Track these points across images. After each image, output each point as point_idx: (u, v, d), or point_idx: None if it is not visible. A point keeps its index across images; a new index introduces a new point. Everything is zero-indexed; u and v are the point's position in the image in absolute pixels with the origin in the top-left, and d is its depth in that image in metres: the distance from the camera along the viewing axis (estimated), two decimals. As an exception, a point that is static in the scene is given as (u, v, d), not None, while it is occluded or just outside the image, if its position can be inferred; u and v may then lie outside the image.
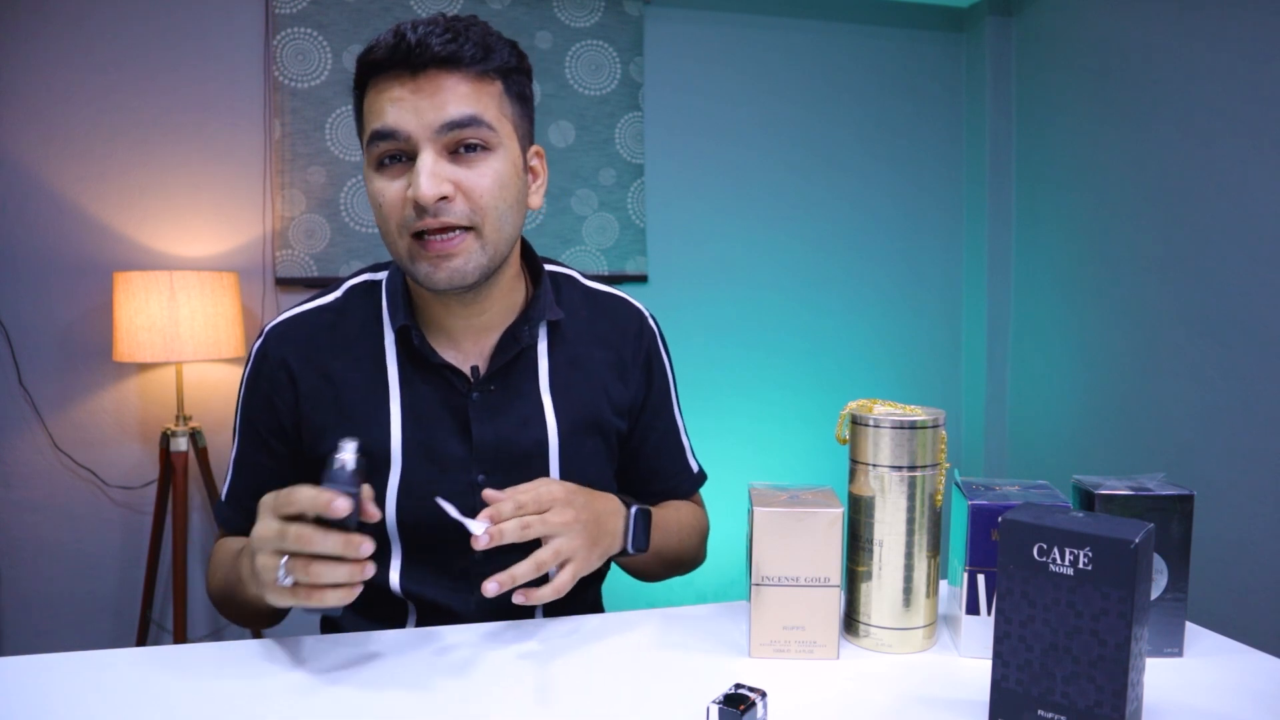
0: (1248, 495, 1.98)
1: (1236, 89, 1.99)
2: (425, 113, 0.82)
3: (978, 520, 0.76)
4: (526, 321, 0.95)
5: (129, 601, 2.21)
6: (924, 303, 2.82)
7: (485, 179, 0.85)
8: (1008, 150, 2.74)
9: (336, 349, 0.95)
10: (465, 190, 0.84)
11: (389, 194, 0.85)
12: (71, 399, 2.17)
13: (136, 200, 2.18)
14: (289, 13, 2.23)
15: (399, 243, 0.86)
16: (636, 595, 2.52)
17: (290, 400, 0.94)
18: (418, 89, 0.82)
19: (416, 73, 0.82)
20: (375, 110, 0.84)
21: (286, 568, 0.71)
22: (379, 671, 0.75)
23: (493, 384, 0.94)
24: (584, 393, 0.98)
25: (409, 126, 0.82)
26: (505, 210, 0.87)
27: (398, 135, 0.83)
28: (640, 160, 2.51)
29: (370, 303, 0.97)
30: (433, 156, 0.82)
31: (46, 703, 0.69)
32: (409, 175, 0.83)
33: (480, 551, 0.95)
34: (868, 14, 2.70)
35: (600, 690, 0.72)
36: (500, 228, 0.87)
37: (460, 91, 0.83)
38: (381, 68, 0.83)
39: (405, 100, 0.82)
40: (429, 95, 0.82)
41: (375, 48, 0.83)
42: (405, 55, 0.82)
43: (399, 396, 0.93)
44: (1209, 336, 2.08)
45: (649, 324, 1.07)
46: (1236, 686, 0.72)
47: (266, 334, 0.97)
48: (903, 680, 0.73)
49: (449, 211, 0.83)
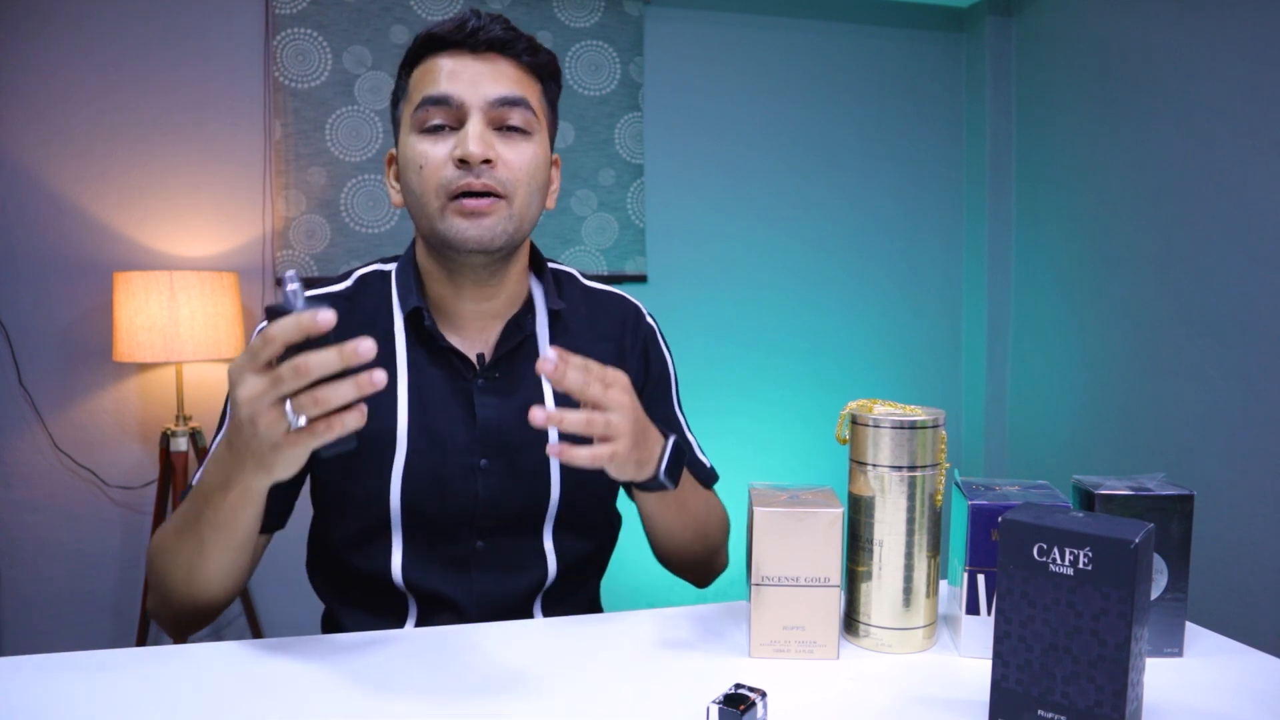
0: (1248, 495, 1.98)
1: (1236, 89, 1.99)
2: (482, 84, 0.89)
3: (978, 520, 0.76)
4: (530, 311, 0.98)
5: (129, 601, 2.21)
6: (924, 303, 2.82)
7: (524, 156, 0.91)
8: (1008, 150, 2.74)
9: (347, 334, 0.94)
10: (504, 161, 0.90)
11: (433, 155, 0.89)
12: (71, 399, 2.17)
13: (136, 200, 2.18)
14: (289, 13, 2.23)
15: (433, 203, 0.90)
16: (637, 595, 2.52)
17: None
18: (478, 64, 0.90)
19: (477, 51, 0.90)
20: (429, 79, 0.90)
21: (295, 408, 0.66)
22: (379, 671, 0.75)
23: (497, 371, 0.97)
24: None
25: (463, 94, 0.89)
26: (534, 191, 0.93)
27: (451, 102, 0.89)
28: (640, 160, 2.51)
29: (380, 291, 0.99)
30: (481, 124, 0.89)
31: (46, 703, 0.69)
32: (453, 140, 0.89)
33: (482, 542, 0.95)
34: (868, 14, 2.70)
35: (600, 690, 0.72)
36: (528, 205, 0.92)
37: (513, 76, 0.91)
38: (443, 44, 0.90)
39: (462, 72, 0.89)
40: (486, 70, 0.90)
41: (440, 25, 0.91)
42: (471, 34, 0.89)
43: (407, 380, 0.95)
44: (1209, 336, 2.08)
45: (646, 319, 1.10)
46: (1236, 686, 0.72)
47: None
48: (903, 680, 0.73)
49: (489, 174, 0.88)
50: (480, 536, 0.96)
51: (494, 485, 0.95)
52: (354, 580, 0.97)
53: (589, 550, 1.03)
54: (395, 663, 0.77)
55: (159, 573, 0.88)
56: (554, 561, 0.98)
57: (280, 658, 0.78)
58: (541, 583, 0.98)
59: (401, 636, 0.83)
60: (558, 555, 0.99)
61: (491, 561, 0.96)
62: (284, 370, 0.66)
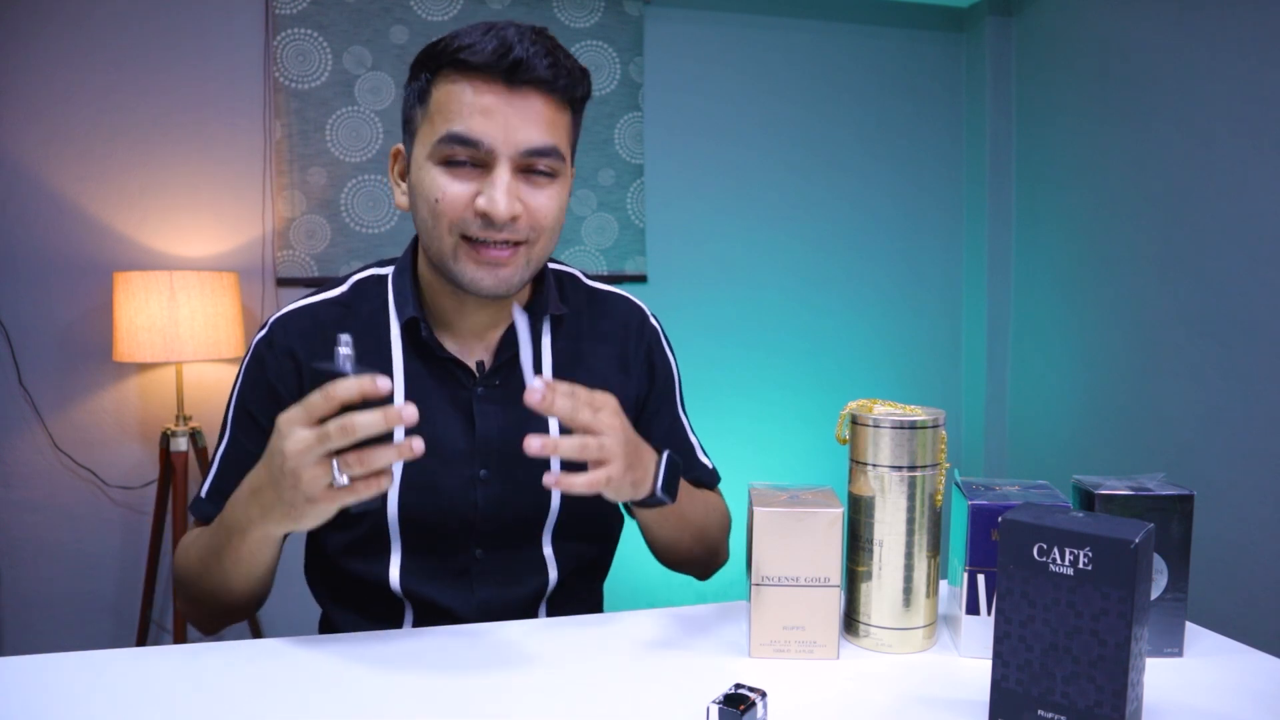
0: (1248, 495, 1.98)
1: (1236, 89, 1.99)
2: (515, 131, 0.83)
3: (978, 520, 0.76)
4: (530, 317, 0.95)
5: (129, 601, 2.21)
6: (924, 303, 2.82)
7: (550, 203, 0.87)
8: (1008, 150, 2.74)
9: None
10: (530, 211, 0.86)
11: (451, 193, 0.84)
12: (71, 399, 2.17)
13: (136, 200, 2.18)
14: (289, 13, 2.23)
15: (447, 240, 0.86)
16: (637, 595, 2.52)
17: (294, 389, 0.93)
18: (510, 104, 0.83)
19: (513, 87, 0.83)
20: (456, 112, 0.83)
21: (340, 466, 0.70)
22: (379, 671, 0.75)
23: (497, 379, 0.95)
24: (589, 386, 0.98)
25: (494, 141, 0.83)
26: (555, 231, 0.90)
27: (480, 145, 0.83)
28: (640, 160, 2.51)
29: (376, 297, 0.97)
30: (510, 175, 0.84)
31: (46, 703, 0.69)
32: (477, 182, 0.84)
33: (481, 551, 0.95)
34: (868, 14, 2.70)
35: (600, 690, 0.72)
36: (548, 247, 0.90)
37: (546, 117, 0.85)
38: (477, 70, 0.82)
39: (496, 112, 0.82)
40: (520, 114, 0.83)
41: (475, 47, 0.82)
42: (511, 67, 0.81)
43: (404, 389, 0.93)
44: (1209, 336, 2.08)
45: (650, 321, 1.08)
46: (1236, 686, 0.72)
47: (272, 324, 0.96)
48: (903, 680, 0.73)
49: (512, 229, 0.85)
50: (480, 545, 0.95)
51: (493, 495, 0.94)
52: (351, 587, 0.97)
53: (590, 555, 1.02)
54: (395, 663, 0.77)
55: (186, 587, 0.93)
56: (555, 569, 0.98)
57: (279, 658, 0.78)
58: (543, 590, 0.98)
59: (401, 636, 0.83)
60: (559, 562, 0.98)
61: (492, 570, 0.96)
62: (332, 428, 0.69)
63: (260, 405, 0.94)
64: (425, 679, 0.73)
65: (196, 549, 0.90)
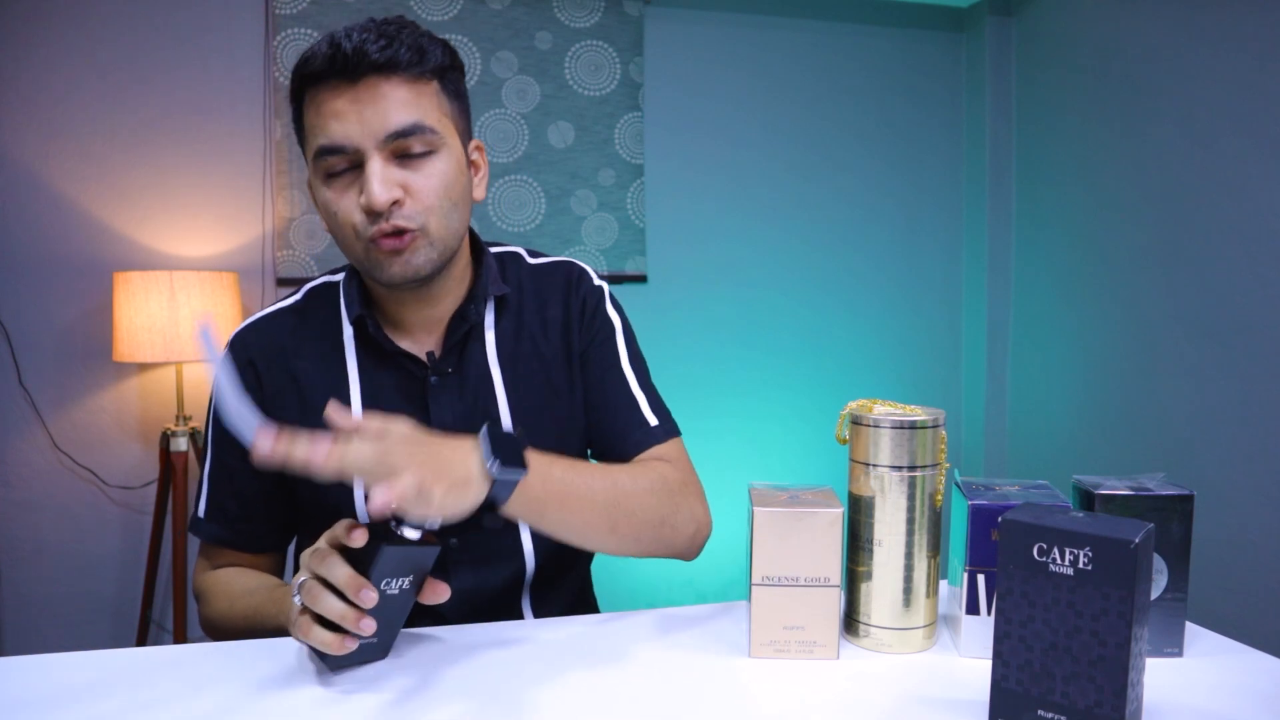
0: (1248, 495, 1.98)
1: (1236, 89, 1.99)
2: (369, 122, 0.83)
3: (978, 520, 0.76)
4: (472, 300, 0.96)
5: (129, 601, 2.21)
6: (924, 303, 2.82)
7: (432, 180, 0.87)
8: (1008, 150, 2.74)
9: (299, 348, 0.97)
10: (413, 193, 0.86)
11: (342, 204, 0.86)
12: (71, 399, 2.17)
13: (136, 200, 2.18)
14: (289, 13, 2.23)
15: (355, 246, 0.88)
16: (636, 595, 2.52)
17: (257, 401, 0.95)
18: (357, 99, 0.83)
19: (355, 81, 0.83)
20: (318, 125, 0.85)
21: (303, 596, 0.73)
22: (377, 671, 0.75)
23: (449, 366, 0.96)
24: (532, 361, 0.99)
25: (355, 139, 0.83)
26: (450, 208, 0.89)
27: (345, 149, 0.84)
28: (640, 160, 2.51)
29: (329, 302, 0.99)
30: (380, 163, 0.84)
31: (46, 703, 0.69)
32: (358, 184, 0.85)
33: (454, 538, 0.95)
34: (868, 14, 2.70)
35: (599, 690, 0.72)
36: (447, 225, 0.89)
37: (400, 98, 0.84)
38: (319, 79, 0.84)
39: (348, 112, 0.83)
40: (370, 104, 0.83)
41: (312, 59, 0.84)
42: (343, 65, 0.82)
43: (359, 388, 0.95)
44: (1209, 336, 2.08)
45: (592, 280, 1.06)
46: (1236, 686, 0.72)
47: (232, 340, 0.99)
48: (903, 680, 0.73)
49: (398, 215, 0.85)
50: (452, 533, 0.95)
51: None
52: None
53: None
54: (393, 663, 0.77)
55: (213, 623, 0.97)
56: (532, 552, 0.97)
57: (280, 658, 0.78)
58: (520, 575, 0.98)
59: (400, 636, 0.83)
60: (536, 548, 0.98)
61: (466, 557, 0.96)
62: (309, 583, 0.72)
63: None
64: (423, 679, 0.73)
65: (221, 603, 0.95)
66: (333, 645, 0.70)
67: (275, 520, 1.00)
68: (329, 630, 0.71)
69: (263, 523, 0.99)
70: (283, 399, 0.96)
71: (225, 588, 0.96)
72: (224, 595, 0.95)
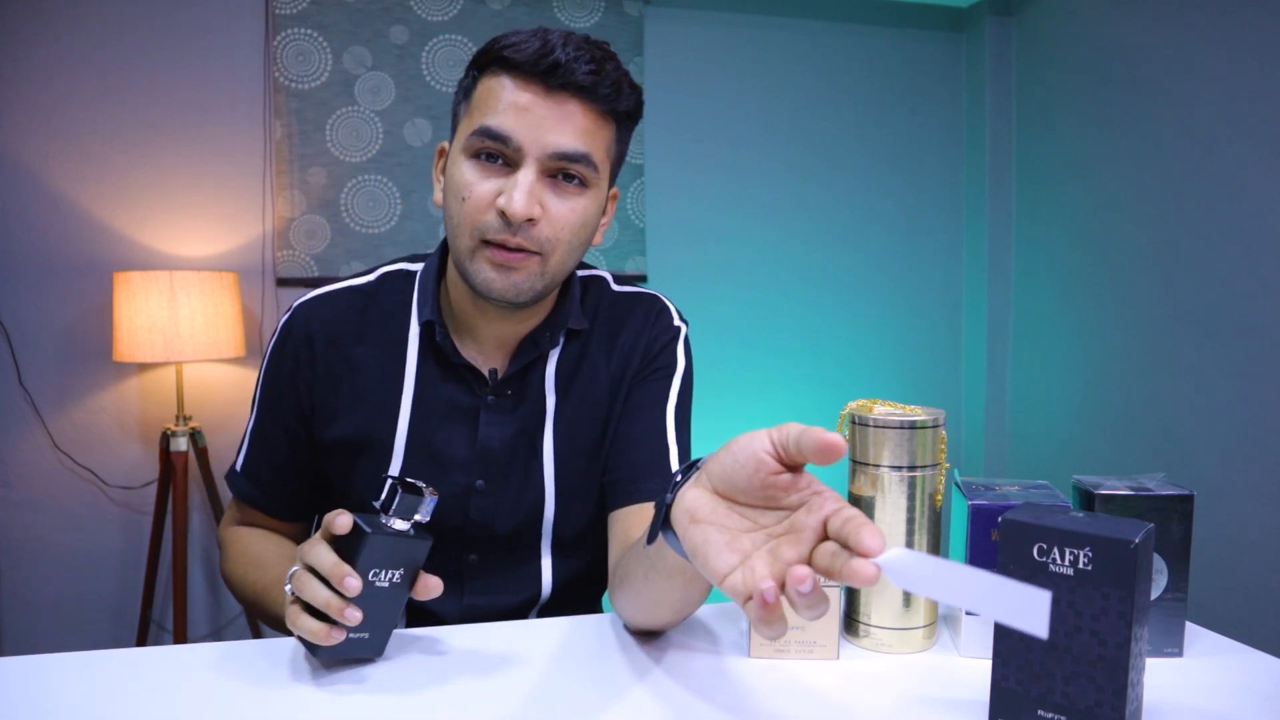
0: (1248, 495, 1.98)
1: (1236, 89, 1.99)
2: (546, 132, 0.81)
3: (978, 520, 0.76)
4: (549, 328, 0.93)
5: (129, 601, 2.21)
6: (924, 303, 2.82)
7: (573, 214, 0.85)
8: (1008, 150, 2.74)
9: (361, 333, 0.95)
10: (550, 218, 0.84)
11: (478, 190, 0.83)
12: (71, 399, 2.17)
13: (136, 200, 2.18)
14: (289, 13, 2.23)
15: (465, 241, 0.85)
16: (636, 595, 2.51)
17: (309, 378, 0.94)
18: (545, 104, 0.82)
19: (551, 89, 0.82)
20: (492, 106, 0.82)
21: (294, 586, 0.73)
22: (378, 672, 0.75)
23: (509, 388, 0.94)
24: (586, 386, 0.96)
25: (523, 138, 0.81)
26: (577, 246, 0.87)
27: (509, 141, 0.82)
28: (640, 160, 2.51)
29: (402, 291, 0.96)
30: (534, 175, 0.82)
31: (46, 703, 0.69)
32: (503, 181, 0.83)
33: (475, 554, 0.95)
34: (868, 14, 2.70)
35: (599, 690, 0.72)
36: (565, 261, 0.87)
37: (581, 124, 0.83)
38: (518, 67, 0.82)
39: (530, 111, 0.81)
40: (553, 116, 0.82)
41: (519, 45, 0.82)
42: (548, 69, 0.81)
43: (412, 390, 0.93)
44: (1209, 336, 2.08)
45: (671, 318, 1.02)
46: (1236, 686, 0.72)
47: (295, 309, 0.96)
48: (903, 680, 0.73)
49: (527, 232, 0.83)
50: (473, 550, 0.94)
51: (486, 505, 0.93)
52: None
53: (585, 566, 1.00)
54: (394, 663, 0.77)
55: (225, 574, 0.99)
56: (550, 581, 0.96)
57: (280, 658, 0.77)
58: (534, 599, 0.97)
59: (400, 636, 0.83)
60: (555, 575, 0.97)
61: (483, 576, 0.95)
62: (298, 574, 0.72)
63: (280, 392, 0.95)
64: (423, 679, 0.73)
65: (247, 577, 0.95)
66: (319, 635, 0.69)
67: (304, 496, 0.99)
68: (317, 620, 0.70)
69: (293, 495, 0.99)
70: (334, 380, 0.93)
71: (243, 551, 0.96)
72: (240, 559, 0.95)
